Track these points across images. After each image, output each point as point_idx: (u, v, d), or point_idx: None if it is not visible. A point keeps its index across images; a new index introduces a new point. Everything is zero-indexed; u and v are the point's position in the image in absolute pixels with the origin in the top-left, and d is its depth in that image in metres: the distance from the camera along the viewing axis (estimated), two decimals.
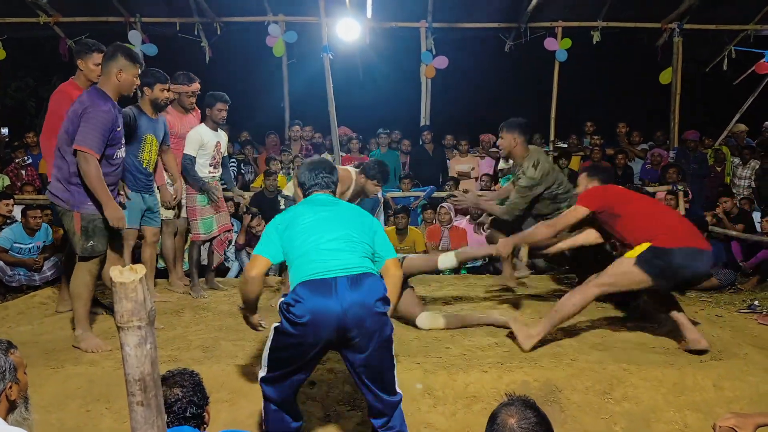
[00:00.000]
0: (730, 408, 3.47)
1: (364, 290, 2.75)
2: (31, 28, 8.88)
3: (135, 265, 1.59)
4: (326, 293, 2.71)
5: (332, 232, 2.89)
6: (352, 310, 2.69)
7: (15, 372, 2.20)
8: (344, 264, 2.79)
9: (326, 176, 3.16)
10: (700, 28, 8.97)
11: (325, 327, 2.69)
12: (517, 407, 1.93)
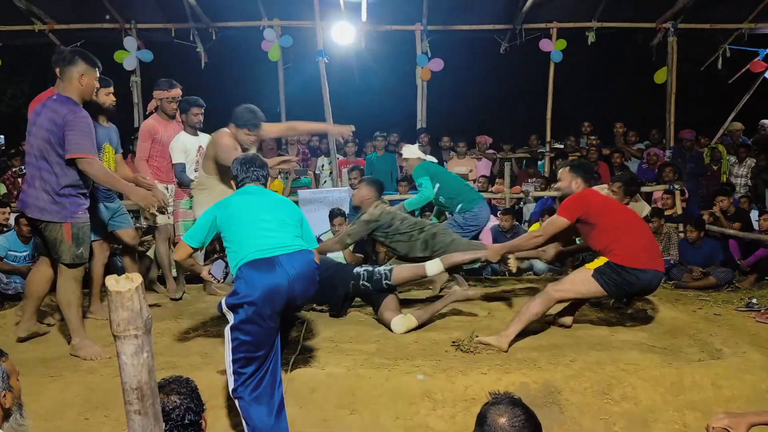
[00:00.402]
0: (728, 407, 3.48)
1: (303, 264, 3.17)
2: (26, 36, 8.88)
3: (131, 274, 1.59)
4: (272, 270, 3.07)
5: (265, 215, 3.26)
6: (297, 282, 3.11)
7: (8, 380, 2.20)
8: (282, 243, 3.17)
9: (257, 170, 3.52)
10: (695, 27, 9.00)
11: (278, 299, 3.07)
12: (505, 406, 1.93)
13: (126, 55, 8.84)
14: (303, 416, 3.49)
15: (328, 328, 4.69)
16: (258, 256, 3.10)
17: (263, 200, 3.41)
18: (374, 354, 4.10)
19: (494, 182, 8.67)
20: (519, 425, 1.87)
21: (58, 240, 4.03)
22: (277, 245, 3.16)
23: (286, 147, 9.27)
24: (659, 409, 3.53)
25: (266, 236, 3.18)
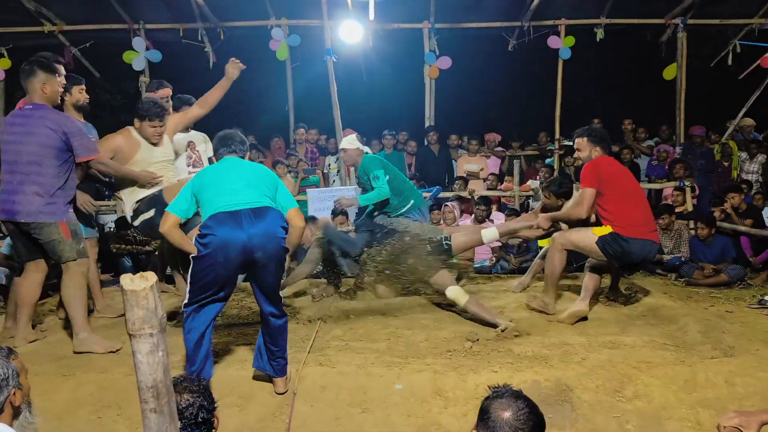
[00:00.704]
0: (742, 404, 3.46)
1: (266, 220, 3.34)
2: (35, 37, 8.91)
3: (145, 273, 1.59)
4: (232, 223, 3.28)
5: (235, 178, 3.47)
6: (256, 237, 3.28)
7: (18, 377, 2.21)
8: (247, 199, 3.37)
9: (236, 144, 3.71)
10: (704, 23, 8.93)
11: (232, 250, 3.26)
12: (507, 399, 1.91)
13: (135, 55, 8.86)
14: (314, 414, 3.50)
15: (337, 326, 4.70)
16: (222, 210, 3.33)
17: (236, 167, 3.58)
18: (385, 352, 4.10)
19: (503, 180, 8.65)
20: (523, 418, 1.86)
21: (57, 240, 4.10)
22: (241, 201, 3.36)
23: (294, 146, 9.28)
24: (672, 407, 3.51)
25: (232, 194, 3.39)
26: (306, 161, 8.82)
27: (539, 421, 1.89)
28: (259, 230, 3.31)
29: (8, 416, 2.14)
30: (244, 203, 3.36)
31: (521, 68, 11.43)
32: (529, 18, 8.77)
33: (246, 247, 3.29)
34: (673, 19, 8.85)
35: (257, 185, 3.51)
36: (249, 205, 3.36)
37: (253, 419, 3.47)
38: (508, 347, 4.12)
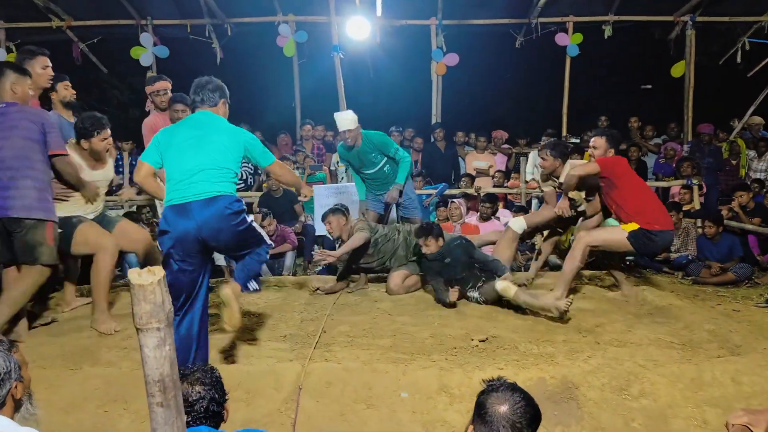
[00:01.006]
0: (748, 403, 3.44)
1: (215, 208, 3.41)
2: (43, 32, 8.94)
3: (153, 267, 1.59)
4: (184, 215, 3.41)
5: (194, 159, 3.47)
6: (206, 226, 3.41)
7: (19, 370, 2.20)
8: (198, 191, 3.42)
9: (207, 93, 3.69)
10: (713, 20, 8.88)
11: (186, 240, 3.44)
12: (503, 393, 1.91)
13: (142, 51, 8.88)
14: (320, 410, 3.50)
15: (343, 323, 4.70)
16: (176, 202, 3.44)
17: (199, 136, 3.54)
18: (390, 348, 4.11)
19: (509, 177, 8.63)
20: (520, 411, 1.86)
21: (39, 242, 4.06)
22: (192, 193, 3.42)
23: (301, 142, 9.28)
24: (678, 405, 3.50)
25: (186, 184, 3.45)
26: (313, 157, 8.82)
27: (536, 414, 1.89)
28: (207, 222, 3.41)
29: (10, 409, 2.14)
30: (194, 194, 3.42)
31: (528, 65, 11.41)
32: (536, 15, 8.75)
33: (198, 236, 3.44)
34: (682, 16, 8.82)
35: (214, 168, 3.49)
36: (200, 197, 3.42)
37: (259, 414, 3.48)
38: (514, 344, 4.12)
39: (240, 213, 3.55)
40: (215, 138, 3.56)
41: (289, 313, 4.97)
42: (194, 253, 3.51)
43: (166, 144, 3.59)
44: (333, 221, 5.67)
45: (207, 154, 3.51)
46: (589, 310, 4.92)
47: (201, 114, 3.68)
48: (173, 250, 3.47)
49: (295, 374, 3.71)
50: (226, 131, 3.64)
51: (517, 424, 1.85)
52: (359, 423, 3.44)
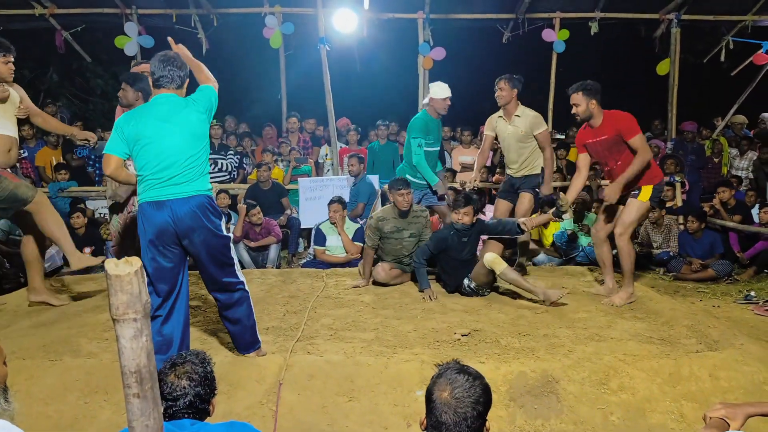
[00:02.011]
0: (725, 398, 3.49)
1: (188, 209, 3.41)
2: (26, 20, 8.81)
3: (130, 258, 1.58)
4: (162, 211, 3.41)
5: (168, 158, 3.41)
6: (181, 224, 3.42)
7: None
8: (175, 191, 3.42)
9: (174, 70, 3.52)
10: (698, 18, 8.94)
11: (164, 235, 3.44)
12: (446, 378, 1.89)
13: (127, 40, 8.79)
14: (301, 403, 3.51)
15: (326, 315, 4.71)
16: (152, 199, 3.43)
17: (167, 132, 3.42)
18: (373, 341, 4.12)
19: (494, 172, 8.65)
20: (462, 394, 1.84)
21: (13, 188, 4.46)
22: (169, 193, 3.42)
23: (287, 135, 9.25)
24: (656, 399, 3.55)
25: (161, 182, 3.42)
26: (298, 150, 8.80)
27: (480, 397, 1.85)
28: (182, 219, 3.42)
29: None
30: (170, 194, 3.41)
31: (515, 61, 11.39)
32: (524, 10, 8.76)
33: (175, 233, 3.44)
34: (668, 14, 8.86)
35: (187, 165, 3.44)
36: (177, 196, 3.42)
37: (240, 407, 3.48)
38: (496, 338, 4.14)
39: (215, 214, 3.55)
40: (185, 125, 3.45)
41: (272, 306, 4.97)
42: (173, 246, 3.49)
43: (133, 135, 3.43)
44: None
45: (178, 146, 3.42)
46: (570, 304, 4.96)
47: (164, 99, 3.49)
48: (153, 243, 3.46)
49: (277, 367, 3.71)
50: (191, 110, 3.50)
51: (459, 409, 1.83)
52: (341, 416, 3.44)
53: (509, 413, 3.48)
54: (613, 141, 4.84)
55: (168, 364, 2.30)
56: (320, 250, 7.00)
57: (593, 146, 4.98)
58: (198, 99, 3.55)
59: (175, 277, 3.54)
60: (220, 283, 3.64)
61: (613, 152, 4.89)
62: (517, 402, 3.53)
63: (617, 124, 4.83)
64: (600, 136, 4.89)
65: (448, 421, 1.84)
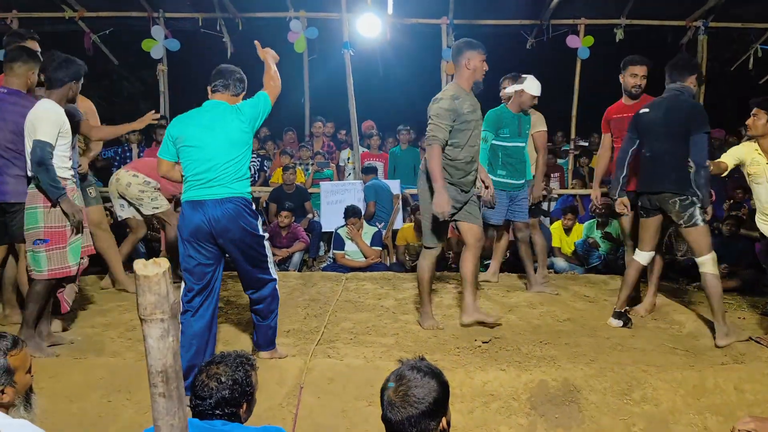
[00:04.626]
0: (751, 411, 3.43)
1: (225, 211, 3.54)
2: (56, 23, 8.95)
3: (158, 259, 1.60)
4: (198, 212, 3.55)
5: (207, 162, 3.57)
6: (216, 225, 3.54)
7: (11, 375, 2.12)
8: (213, 193, 3.56)
9: (235, 82, 3.80)
10: (726, 26, 8.82)
11: (200, 234, 3.56)
12: (396, 374, 1.88)
13: (153, 43, 8.90)
14: (321, 406, 3.52)
15: (346, 319, 4.72)
16: (192, 199, 3.59)
17: (211, 136, 3.59)
18: (393, 347, 4.12)
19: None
20: (405, 393, 1.81)
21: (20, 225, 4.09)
22: (205, 194, 3.57)
23: (310, 140, 9.29)
24: (680, 412, 3.50)
25: (201, 184, 3.58)
26: (323, 154, 8.84)
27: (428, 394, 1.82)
28: (219, 220, 3.54)
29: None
30: (211, 195, 3.56)
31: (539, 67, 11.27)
32: (548, 17, 8.71)
33: (211, 232, 3.56)
34: (695, 21, 8.75)
35: (225, 166, 3.58)
36: (214, 197, 3.56)
37: (260, 409, 3.47)
38: (517, 346, 4.12)
39: (252, 215, 3.66)
40: (225, 132, 3.60)
41: (293, 309, 4.99)
42: (208, 244, 3.60)
43: (178, 138, 3.65)
44: None
45: (217, 152, 3.57)
46: (592, 313, 4.91)
47: (212, 105, 3.72)
48: (189, 241, 3.59)
49: (297, 370, 3.72)
50: (236, 118, 3.65)
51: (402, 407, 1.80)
52: (360, 420, 3.45)
53: (530, 422, 3.46)
54: None
55: (206, 362, 2.35)
56: (340, 254, 7.02)
57: (621, 121, 4.91)
58: (245, 109, 3.70)
59: (208, 275, 3.64)
60: (254, 279, 3.75)
61: None
62: (538, 411, 3.50)
63: None
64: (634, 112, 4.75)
65: (392, 419, 1.83)
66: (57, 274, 3.92)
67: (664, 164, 4.37)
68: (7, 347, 2.14)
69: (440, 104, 4.22)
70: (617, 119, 5.03)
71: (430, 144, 4.20)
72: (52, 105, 3.89)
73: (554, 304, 5.15)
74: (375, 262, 7.01)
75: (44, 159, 3.76)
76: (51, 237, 3.88)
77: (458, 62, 4.41)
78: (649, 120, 4.45)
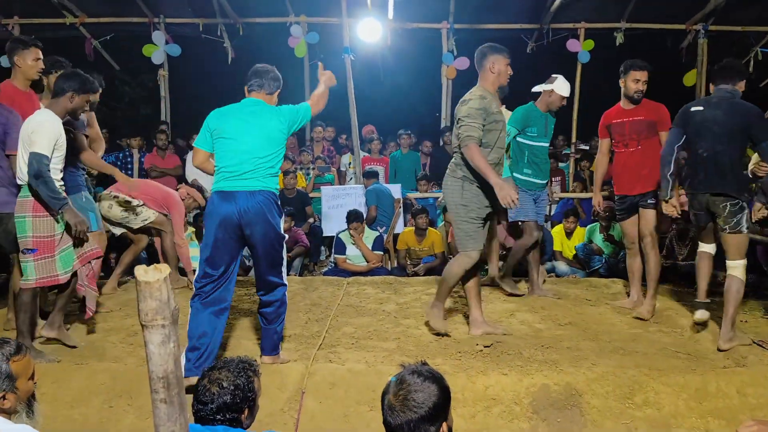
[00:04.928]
0: (754, 415, 3.42)
1: (255, 204, 3.63)
2: (57, 29, 8.99)
3: (159, 265, 1.60)
4: (229, 202, 3.64)
5: (241, 155, 3.68)
6: (245, 216, 3.62)
7: (12, 381, 2.11)
8: (246, 185, 3.66)
9: (270, 81, 3.92)
10: (726, 29, 8.84)
11: (227, 224, 3.64)
12: (397, 378, 1.88)
13: (154, 48, 8.92)
14: (323, 411, 3.51)
15: (348, 324, 4.71)
16: (223, 189, 3.69)
17: (247, 128, 3.72)
18: (395, 351, 4.11)
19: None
20: (405, 397, 1.81)
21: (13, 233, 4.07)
22: (236, 186, 3.66)
23: (310, 145, 9.30)
24: (682, 416, 3.49)
25: (234, 176, 3.68)
26: (324, 159, 8.84)
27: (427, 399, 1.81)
28: (248, 212, 3.62)
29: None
30: (242, 186, 3.65)
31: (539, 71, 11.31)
32: (548, 20, 8.73)
33: (238, 223, 3.64)
34: (695, 25, 8.77)
35: (258, 157, 3.69)
36: (245, 188, 3.65)
37: (262, 413, 3.46)
38: (519, 350, 4.11)
39: (278, 211, 3.75)
40: (263, 128, 3.73)
41: (294, 313, 4.98)
42: (232, 236, 3.68)
43: (216, 130, 3.77)
44: None
45: (252, 146, 3.69)
46: (593, 317, 4.91)
47: (252, 102, 3.85)
48: (214, 231, 3.67)
49: (299, 374, 3.72)
50: (277, 120, 3.79)
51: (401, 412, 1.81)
52: (362, 425, 3.44)
53: (532, 426, 3.45)
54: (646, 124, 4.88)
55: (208, 367, 2.37)
56: (341, 258, 7.02)
57: (622, 126, 4.97)
58: (285, 112, 3.85)
59: (223, 266, 3.70)
60: (267, 281, 3.80)
61: (642, 136, 4.89)
62: (540, 415, 3.50)
63: (659, 112, 4.93)
64: (635, 116, 4.91)
65: (391, 423, 1.83)
66: (44, 282, 3.95)
67: (721, 165, 4.24)
68: (10, 353, 2.13)
69: (470, 104, 4.21)
70: (618, 124, 5.03)
71: (466, 144, 4.11)
72: (48, 116, 3.88)
73: (556, 307, 5.14)
74: (376, 266, 7.00)
75: (41, 172, 3.74)
76: (39, 246, 3.88)
77: (483, 66, 4.44)
78: (705, 118, 4.30)
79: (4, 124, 4.17)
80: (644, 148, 4.88)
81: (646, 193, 4.92)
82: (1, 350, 2.13)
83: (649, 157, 4.83)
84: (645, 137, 4.88)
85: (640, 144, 4.90)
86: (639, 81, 4.93)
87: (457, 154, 4.33)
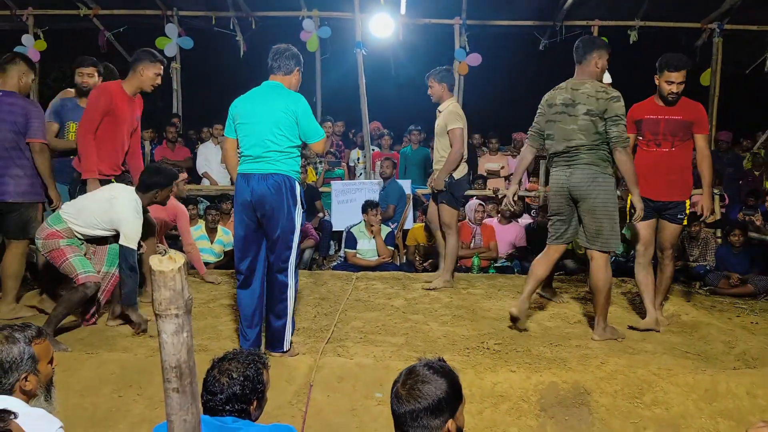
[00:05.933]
0: (764, 416, 3.40)
1: (267, 186, 3.72)
2: (71, 20, 9.03)
3: (174, 254, 1.61)
4: (246, 184, 3.77)
5: (254, 137, 3.77)
6: (256, 198, 3.73)
7: (35, 363, 2.16)
8: (259, 168, 3.76)
9: (284, 60, 3.94)
10: (741, 28, 8.75)
11: (245, 206, 3.79)
12: (408, 370, 1.89)
13: (167, 41, 8.95)
14: (330, 404, 3.52)
15: (356, 318, 4.72)
16: (243, 171, 3.82)
17: (258, 112, 3.79)
18: (403, 346, 4.12)
19: (528, 179, 8.59)
20: (412, 388, 1.83)
21: (32, 219, 4.47)
22: (252, 168, 3.77)
23: None
24: (691, 416, 3.47)
25: (252, 159, 3.79)
26: (333, 153, 8.85)
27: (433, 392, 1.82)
28: (260, 195, 3.71)
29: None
30: (258, 169, 3.75)
31: (552, 68, 11.28)
32: (561, 18, 8.68)
33: (252, 205, 3.75)
34: (710, 23, 8.70)
35: (272, 141, 3.75)
36: (259, 171, 3.75)
37: (270, 406, 3.46)
38: (527, 348, 4.10)
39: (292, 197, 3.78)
40: (270, 113, 3.76)
41: (303, 307, 5.00)
42: (253, 218, 3.80)
43: (236, 116, 3.88)
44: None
45: (262, 130, 3.75)
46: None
47: (268, 85, 3.91)
48: (238, 213, 3.83)
49: (307, 368, 3.73)
50: (283, 103, 3.79)
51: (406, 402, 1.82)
52: (370, 419, 3.44)
53: (539, 423, 3.45)
54: (684, 125, 4.54)
55: (218, 358, 2.37)
56: (351, 253, 7.02)
57: (656, 123, 4.59)
58: (297, 100, 3.84)
59: (252, 250, 3.84)
60: (274, 266, 3.84)
61: (677, 137, 4.54)
62: (548, 413, 3.49)
63: (698, 112, 4.61)
64: (672, 115, 4.57)
65: (396, 411, 1.85)
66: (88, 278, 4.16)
67: None
68: (32, 335, 2.21)
69: (621, 103, 4.26)
70: (652, 121, 4.64)
71: (624, 146, 4.16)
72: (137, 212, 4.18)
73: (564, 306, 5.13)
74: (385, 261, 7.01)
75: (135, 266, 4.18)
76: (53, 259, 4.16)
77: (587, 59, 4.50)
78: None
79: (26, 114, 4.36)
80: (678, 150, 4.55)
81: (674, 203, 4.61)
82: (24, 333, 2.20)
83: (681, 159, 4.57)
84: (680, 139, 4.54)
85: (674, 146, 4.54)
86: (673, 83, 4.53)
87: (600, 150, 4.23)
